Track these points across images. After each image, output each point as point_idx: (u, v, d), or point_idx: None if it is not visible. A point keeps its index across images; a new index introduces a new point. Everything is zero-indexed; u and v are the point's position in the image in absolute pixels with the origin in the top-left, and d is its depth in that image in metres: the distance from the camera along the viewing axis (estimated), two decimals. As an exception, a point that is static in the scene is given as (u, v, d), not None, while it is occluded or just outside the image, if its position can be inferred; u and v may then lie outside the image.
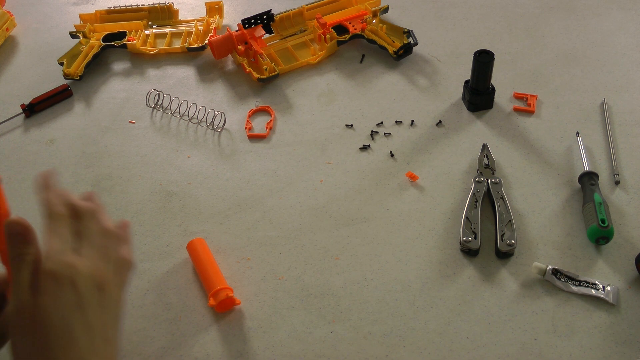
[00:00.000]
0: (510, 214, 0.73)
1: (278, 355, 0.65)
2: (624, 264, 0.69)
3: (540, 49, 1.00)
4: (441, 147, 0.85)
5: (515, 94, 0.92)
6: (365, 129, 0.89)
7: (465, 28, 1.06)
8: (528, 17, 1.07)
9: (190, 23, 1.12)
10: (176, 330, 0.67)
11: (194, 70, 1.04)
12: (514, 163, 0.82)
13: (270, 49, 1.03)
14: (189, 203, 0.81)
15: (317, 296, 0.69)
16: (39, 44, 1.14)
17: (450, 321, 0.66)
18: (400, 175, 0.82)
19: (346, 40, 1.03)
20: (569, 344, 0.63)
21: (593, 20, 1.05)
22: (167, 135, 0.92)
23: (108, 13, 1.14)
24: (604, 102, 0.89)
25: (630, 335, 0.63)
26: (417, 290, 0.69)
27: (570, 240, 0.72)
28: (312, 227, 0.77)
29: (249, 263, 0.74)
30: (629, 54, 0.98)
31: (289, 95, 0.97)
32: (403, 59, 1.00)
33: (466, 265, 0.71)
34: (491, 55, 0.85)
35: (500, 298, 0.67)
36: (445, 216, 0.76)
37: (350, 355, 0.64)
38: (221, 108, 0.95)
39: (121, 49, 1.08)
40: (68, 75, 1.01)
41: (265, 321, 0.67)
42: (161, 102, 0.97)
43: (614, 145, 0.82)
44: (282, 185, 0.83)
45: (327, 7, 1.08)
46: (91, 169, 0.88)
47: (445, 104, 0.92)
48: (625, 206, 0.75)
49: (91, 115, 0.97)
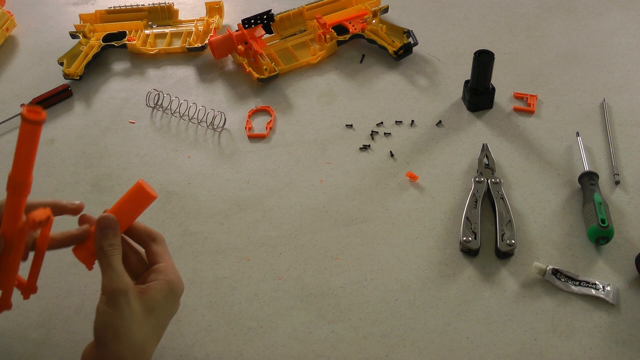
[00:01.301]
0: (510, 214, 0.73)
1: (278, 355, 0.65)
2: (624, 264, 0.69)
3: (540, 49, 1.00)
4: (441, 147, 0.85)
5: (515, 94, 0.92)
6: (365, 129, 0.89)
7: (465, 28, 1.06)
8: (528, 17, 1.07)
9: (190, 23, 1.12)
10: (176, 330, 0.67)
11: (194, 70, 1.04)
12: (514, 163, 0.82)
13: (270, 49, 1.03)
14: (189, 203, 0.81)
15: (317, 296, 0.69)
16: (39, 44, 1.14)
17: (450, 321, 0.66)
18: (400, 175, 0.82)
19: (346, 40, 1.03)
20: (569, 344, 0.63)
21: (593, 20, 1.05)
22: (167, 135, 0.92)
23: (108, 13, 1.14)
24: (604, 102, 0.89)
25: (630, 335, 0.63)
26: (417, 290, 0.69)
27: (570, 240, 0.72)
28: (312, 227, 0.77)
29: (249, 263, 0.74)
30: (629, 54, 0.98)
31: (289, 95, 0.97)
32: (403, 59, 1.00)
33: (466, 265, 0.71)
34: (491, 55, 0.85)
35: (500, 298, 0.67)
36: (445, 216, 0.76)
37: (350, 355, 0.64)
38: (221, 108, 0.95)
39: (121, 49, 1.08)
40: (68, 75, 1.01)
41: (265, 321, 0.67)
42: (161, 102, 0.97)
43: (614, 145, 0.82)
44: (282, 185, 0.83)
45: (327, 7, 1.08)
46: (91, 169, 0.88)
47: (445, 104, 0.92)
48: (625, 206, 0.75)
49: (91, 115, 0.97)
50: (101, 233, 0.55)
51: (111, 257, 0.54)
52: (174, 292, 0.57)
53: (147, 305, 0.54)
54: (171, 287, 0.57)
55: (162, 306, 0.56)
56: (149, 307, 0.54)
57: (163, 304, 0.56)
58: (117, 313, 0.52)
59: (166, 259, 0.59)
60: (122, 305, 0.52)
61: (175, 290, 0.58)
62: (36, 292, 0.58)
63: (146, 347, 0.54)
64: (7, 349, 0.67)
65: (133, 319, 0.52)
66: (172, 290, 0.57)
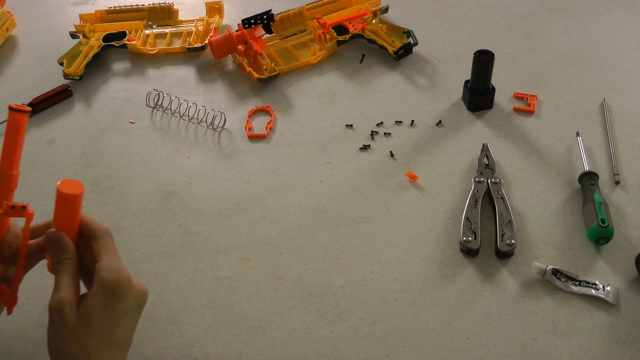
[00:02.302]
0: (510, 214, 0.73)
1: (278, 355, 0.65)
2: (624, 264, 0.69)
3: (540, 49, 1.00)
4: (441, 147, 0.85)
5: (515, 94, 0.92)
6: (365, 129, 0.89)
7: (465, 28, 1.06)
8: (528, 17, 1.07)
9: (190, 23, 1.12)
10: (176, 330, 0.67)
11: (194, 70, 1.04)
12: (514, 163, 0.82)
13: (270, 49, 1.03)
14: (189, 203, 0.81)
15: (317, 296, 0.69)
16: (39, 44, 1.14)
17: (450, 321, 0.66)
18: (400, 175, 0.82)
19: (346, 40, 1.03)
20: (569, 344, 0.63)
21: (593, 20, 1.05)
22: (167, 135, 0.92)
23: (108, 13, 1.14)
24: (604, 102, 0.89)
25: (630, 335, 0.63)
26: (417, 290, 0.69)
27: (570, 240, 0.72)
28: (312, 227, 0.77)
29: (249, 263, 0.74)
30: (629, 54, 0.98)
31: (289, 95, 0.97)
32: (403, 59, 1.00)
33: (466, 265, 0.71)
34: (491, 55, 0.85)
35: (500, 298, 0.67)
36: (445, 216, 0.76)
37: (350, 355, 0.64)
38: (221, 108, 0.95)
39: (121, 49, 1.08)
40: (68, 75, 1.01)
41: (265, 321, 0.67)
42: (161, 102, 0.97)
43: (614, 145, 0.82)
44: (282, 185, 0.83)
45: (327, 7, 1.08)
46: (91, 169, 0.88)
47: (445, 104, 0.92)
48: (625, 206, 0.75)
49: (91, 115, 0.97)
50: (51, 250, 0.54)
51: (59, 273, 0.53)
52: (112, 291, 0.53)
53: (81, 315, 0.51)
54: (106, 288, 0.52)
55: (99, 311, 0.52)
56: (84, 317, 0.52)
57: (100, 308, 0.52)
58: (52, 329, 0.52)
59: (104, 256, 0.54)
60: (56, 321, 0.51)
61: (114, 289, 0.53)
62: (16, 304, 0.58)
63: (92, 356, 0.51)
64: (7, 349, 0.67)
65: (68, 333, 0.51)
66: (109, 291, 0.52)
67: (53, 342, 0.52)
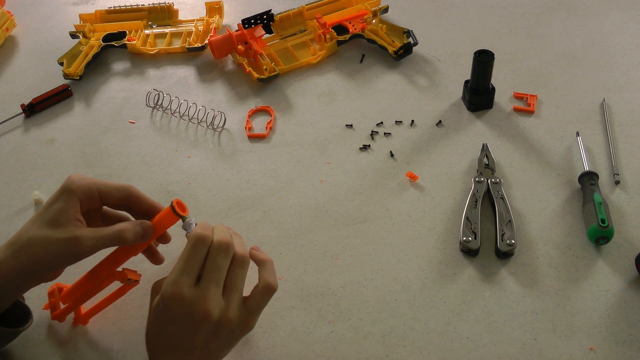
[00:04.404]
0: (510, 214, 0.73)
1: (278, 355, 0.65)
2: (624, 264, 0.69)
3: (540, 49, 1.00)
4: (441, 147, 0.85)
5: (515, 94, 0.92)
6: (365, 129, 0.89)
7: (465, 28, 1.06)
8: (528, 17, 1.07)
9: (190, 23, 1.12)
10: (176, 330, 0.67)
11: (194, 70, 1.04)
12: (514, 163, 0.82)
13: (270, 49, 1.03)
14: (189, 203, 0.81)
15: (317, 296, 0.69)
16: (39, 44, 1.14)
17: (450, 321, 0.66)
18: (400, 175, 0.82)
19: (346, 40, 1.03)
20: (569, 344, 0.63)
21: (593, 20, 1.05)
22: (167, 135, 0.92)
23: (108, 13, 1.14)
24: (604, 102, 0.89)
25: (630, 335, 0.63)
26: (417, 290, 0.69)
27: (570, 240, 0.72)
28: (312, 227, 0.77)
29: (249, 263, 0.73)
30: (629, 54, 0.98)
31: (289, 95, 0.97)
32: (403, 59, 1.00)
33: (466, 265, 0.71)
34: (491, 55, 0.85)
35: (500, 298, 0.67)
36: (445, 216, 0.76)
37: (350, 355, 0.64)
38: (221, 108, 0.95)
39: (121, 49, 1.08)
40: (68, 75, 1.01)
41: (265, 321, 0.67)
42: (161, 102, 0.97)
43: (614, 145, 0.82)
44: (282, 185, 0.83)
45: (327, 7, 1.08)
46: (91, 169, 0.88)
47: (445, 104, 0.92)
48: (625, 206, 0.75)
49: (91, 115, 0.97)
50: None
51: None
52: (164, 309, 0.51)
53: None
54: (161, 307, 0.51)
55: (157, 333, 0.53)
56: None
57: (157, 329, 0.52)
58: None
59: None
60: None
61: (165, 307, 0.51)
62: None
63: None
64: (7, 349, 0.67)
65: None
66: (161, 309, 0.51)
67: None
